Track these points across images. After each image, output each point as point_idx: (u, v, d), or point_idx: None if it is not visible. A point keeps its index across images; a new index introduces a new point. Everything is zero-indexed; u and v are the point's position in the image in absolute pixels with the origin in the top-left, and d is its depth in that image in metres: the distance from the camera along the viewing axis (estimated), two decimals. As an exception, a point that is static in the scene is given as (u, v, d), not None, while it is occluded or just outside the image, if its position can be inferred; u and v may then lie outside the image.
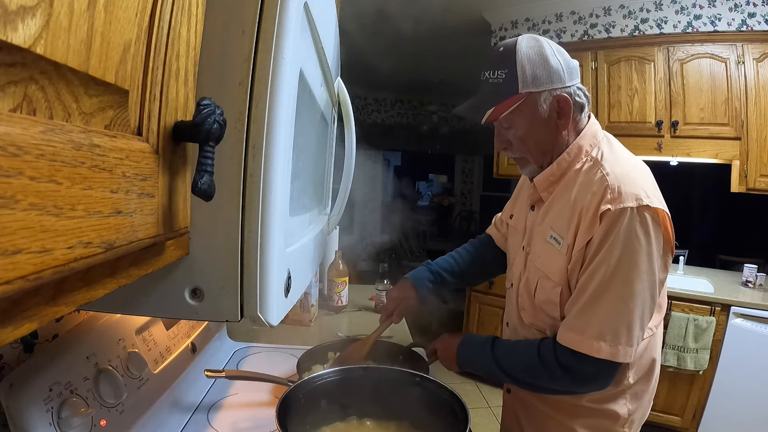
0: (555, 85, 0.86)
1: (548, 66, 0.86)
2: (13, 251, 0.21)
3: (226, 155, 0.46)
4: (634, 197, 0.80)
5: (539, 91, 0.86)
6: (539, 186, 0.95)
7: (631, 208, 0.79)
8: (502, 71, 0.87)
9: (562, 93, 0.87)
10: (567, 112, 0.88)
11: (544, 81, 0.86)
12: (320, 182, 0.94)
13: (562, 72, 0.87)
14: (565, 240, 0.87)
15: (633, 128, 2.88)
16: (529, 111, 0.88)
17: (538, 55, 0.86)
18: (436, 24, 3.53)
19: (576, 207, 0.86)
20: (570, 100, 0.88)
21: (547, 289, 0.90)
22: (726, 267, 3.25)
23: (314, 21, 0.59)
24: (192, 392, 1.07)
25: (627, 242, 0.79)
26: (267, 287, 0.50)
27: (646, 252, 0.80)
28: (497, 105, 0.87)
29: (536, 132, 0.90)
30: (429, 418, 0.86)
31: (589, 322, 0.81)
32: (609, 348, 0.80)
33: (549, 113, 0.88)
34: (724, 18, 2.65)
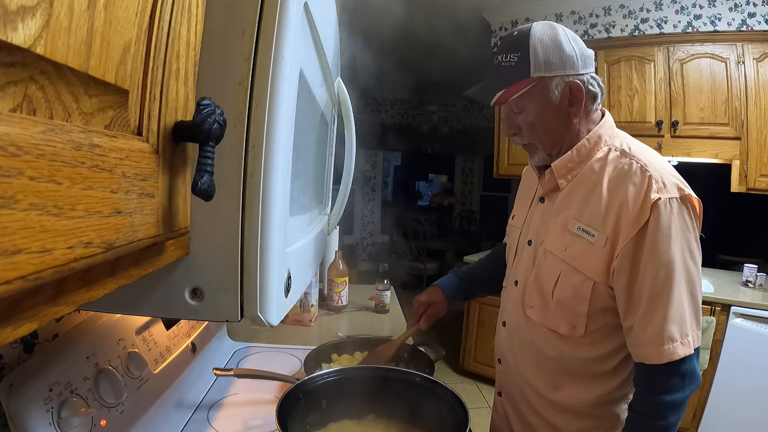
0: (568, 71, 0.85)
1: (562, 52, 0.84)
2: (13, 251, 0.21)
3: (226, 155, 0.46)
4: (676, 187, 0.80)
5: (551, 76, 0.85)
6: (558, 171, 0.91)
7: (678, 198, 0.79)
8: (514, 54, 0.86)
9: (575, 80, 0.86)
10: (579, 100, 0.87)
11: (557, 66, 0.84)
12: (320, 182, 0.94)
13: (576, 59, 0.85)
14: (601, 233, 0.83)
15: (633, 128, 2.87)
16: (541, 96, 0.86)
17: (551, 40, 0.85)
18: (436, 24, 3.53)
19: (613, 199, 0.82)
20: (583, 88, 0.86)
21: (574, 283, 0.86)
22: (726, 267, 3.25)
23: (314, 21, 0.59)
24: (192, 392, 1.07)
25: (684, 232, 0.79)
26: (267, 287, 0.50)
27: (695, 237, 0.81)
28: (507, 87, 0.86)
29: (547, 118, 0.88)
30: (429, 418, 0.86)
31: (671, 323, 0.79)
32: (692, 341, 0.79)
33: (561, 100, 0.86)
34: (724, 18, 2.65)
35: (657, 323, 0.79)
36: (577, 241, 0.86)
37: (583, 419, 0.93)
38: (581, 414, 0.92)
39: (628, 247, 0.80)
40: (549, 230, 0.92)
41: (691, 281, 0.80)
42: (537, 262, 0.94)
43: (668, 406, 0.80)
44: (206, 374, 1.12)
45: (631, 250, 0.80)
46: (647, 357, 0.80)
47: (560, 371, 0.93)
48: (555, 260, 0.89)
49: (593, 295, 0.85)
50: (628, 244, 0.80)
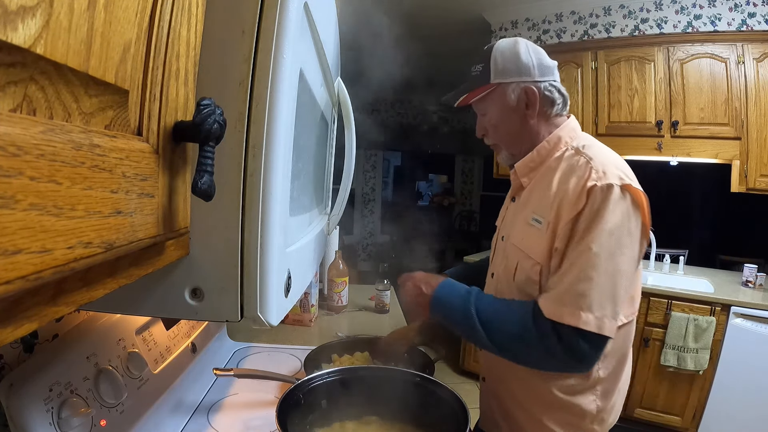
0: (523, 78, 0.95)
1: (518, 61, 0.95)
2: (13, 251, 0.21)
3: (226, 155, 0.46)
4: (618, 177, 0.84)
5: (507, 82, 0.95)
6: (519, 171, 1.01)
7: (616, 185, 0.83)
8: (480, 65, 0.99)
9: (530, 86, 0.95)
10: (534, 103, 0.95)
11: (513, 73, 0.95)
12: (320, 182, 0.94)
13: (533, 68, 0.95)
14: (546, 219, 0.89)
15: (633, 128, 2.88)
16: (500, 100, 0.97)
17: (510, 52, 0.96)
18: (436, 24, 3.53)
19: (559, 189, 0.89)
20: (537, 93, 0.95)
21: (526, 268, 0.92)
22: (726, 267, 3.25)
23: (314, 21, 0.59)
24: (192, 392, 1.07)
25: (614, 218, 0.82)
26: (267, 287, 0.50)
27: (627, 229, 0.84)
28: (471, 92, 0.98)
29: (506, 120, 0.98)
30: (429, 418, 0.86)
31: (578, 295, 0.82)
32: (595, 321, 0.81)
33: (517, 103, 0.96)
34: (724, 18, 2.65)
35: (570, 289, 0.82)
36: (531, 230, 0.93)
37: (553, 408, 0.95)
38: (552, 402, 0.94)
39: (565, 229, 0.85)
40: (515, 226, 1.00)
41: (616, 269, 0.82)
42: (506, 254, 1.01)
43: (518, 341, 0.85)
44: (206, 374, 1.12)
45: (568, 231, 0.85)
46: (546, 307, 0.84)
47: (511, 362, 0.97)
48: (515, 250, 0.97)
49: (541, 278, 0.90)
50: (566, 226, 0.85)
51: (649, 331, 2.57)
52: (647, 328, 2.58)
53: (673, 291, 2.52)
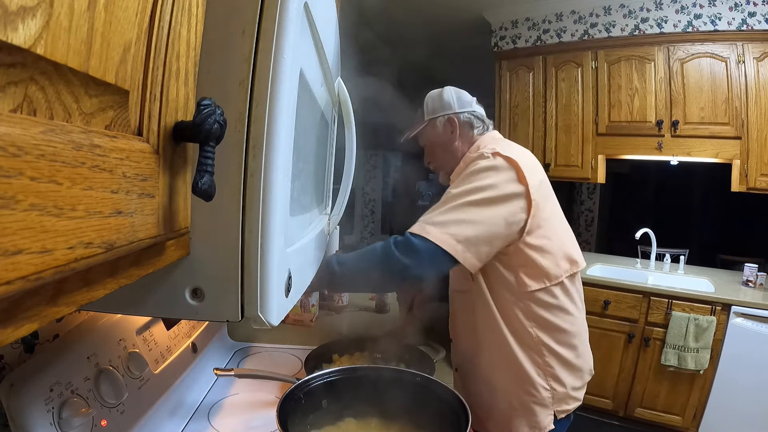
0: (446, 111, 1.22)
1: (441, 100, 1.23)
2: (13, 251, 0.21)
3: (226, 155, 0.46)
4: (492, 150, 1.08)
5: (435, 116, 1.23)
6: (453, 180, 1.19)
7: (486, 153, 1.07)
8: (420, 109, 1.28)
9: (451, 116, 1.22)
10: (455, 128, 1.21)
11: (439, 109, 1.23)
12: (321, 182, 0.94)
13: (453, 102, 1.22)
14: None
15: (633, 128, 2.88)
16: (433, 131, 1.24)
17: (436, 95, 1.25)
18: (436, 24, 3.53)
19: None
20: (456, 121, 1.21)
21: None
22: (726, 266, 3.25)
23: (314, 21, 0.59)
24: (193, 392, 1.07)
25: (478, 173, 1.04)
26: (267, 287, 0.50)
27: (490, 179, 1.03)
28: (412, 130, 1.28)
29: (438, 144, 1.24)
30: (430, 417, 0.86)
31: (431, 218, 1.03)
32: (438, 234, 0.99)
33: (443, 130, 1.23)
34: (725, 17, 2.64)
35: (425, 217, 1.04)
36: None
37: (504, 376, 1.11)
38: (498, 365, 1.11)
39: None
40: None
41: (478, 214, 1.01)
42: None
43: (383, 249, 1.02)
44: (207, 374, 1.12)
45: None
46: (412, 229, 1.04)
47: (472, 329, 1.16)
48: None
49: None
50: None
51: (650, 330, 2.57)
52: (648, 327, 2.58)
53: (673, 291, 2.52)
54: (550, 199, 1.11)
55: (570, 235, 1.18)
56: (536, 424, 1.09)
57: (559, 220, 1.15)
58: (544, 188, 1.09)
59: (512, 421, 1.11)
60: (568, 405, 1.11)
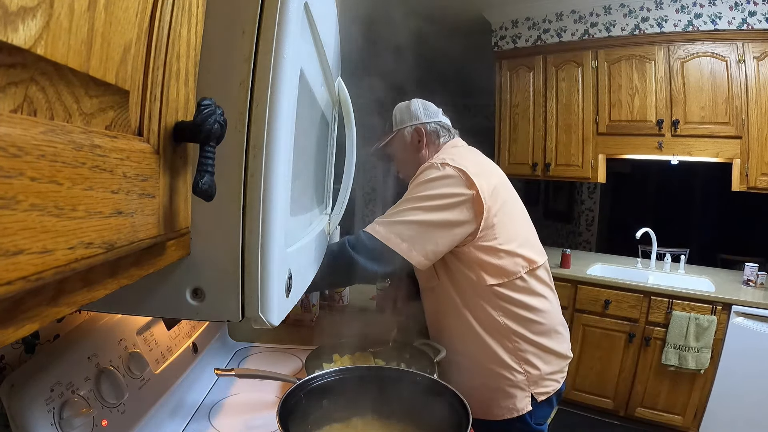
0: (414, 121, 1.29)
1: (409, 111, 1.30)
2: (14, 252, 0.21)
3: (226, 155, 0.46)
4: (441, 160, 1.13)
5: (404, 126, 1.30)
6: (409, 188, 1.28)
7: (436, 164, 1.12)
8: (388, 123, 1.34)
9: (418, 126, 1.28)
10: (422, 137, 1.28)
11: (406, 120, 1.30)
12: (321, 182, 0.94)
13: (420, 114, 1.29)
14: None
15: (634, 127, 2.88)
16: (401, 141, 1.31)
17: (405, 106, 1.32)
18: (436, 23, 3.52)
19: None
20: (423, 130, 1.28)
21: None
22: (727, 266, 3.25)
23: (314, 21, 0.59)
24: (193, 392, 1.07)
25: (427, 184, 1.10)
26: (268, 287, 0.50)
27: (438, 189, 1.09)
28: (381, 141, 1.34)
29: (406, 154, 1.30)
30: (430, 417, 0.86)
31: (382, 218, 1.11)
32: (385, 233, 1.07)
33: (411, 140, 1.29)
34: (725, 17, 2.64)
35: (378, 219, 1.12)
36: None
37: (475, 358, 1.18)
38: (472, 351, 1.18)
39: None
40: None
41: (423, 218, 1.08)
42: None
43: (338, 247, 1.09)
44: (207, 374, 1.12)
45: None
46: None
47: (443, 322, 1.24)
48: None
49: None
50: None
51: (650, 330, 2.57)
52: (648, 327, 2.58)
53: (674, 290, 2.52)
54: (508, 202, 1.19)
55: (529, 234, 1.26)
56: (513, 406, 1.16)
57: (517, 220, 1.22)
58: (500, 192, 1.16)
59: (491, 404, 1.17)
60: (545, 387, 1.17)
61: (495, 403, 1.17)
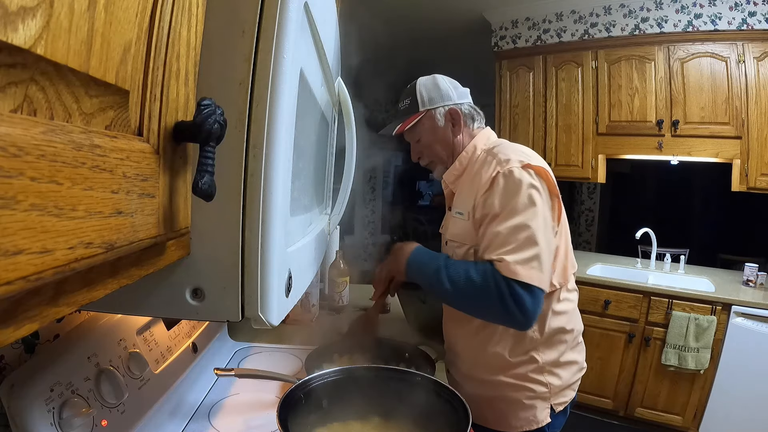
0: (446, 102, 1.15)
1: (439, 89, 1.15)
2: (14, 252, 0.21)
3: (226, 155, 0.46)
4: (518, 160, 1.01)
5: (434, 107, 1.14)
6: (447, 180, 1.18)
7: (517, 167, 1.00)
8: (408, 99, 1.18)
9: (452, 107, 1.14)
10: (458, 121, 1.15)
11: (437, 100, 1.15)
12: (321, 182, 0.94)
13: (452, 93, 1.15)
14: (466, 210, 1.08)
15: (633, 127, 2.88)
16: (430, 123, 1.15)
17: (431, 83, 1.16)
18: (437, 24, 3.53)
19: (474, 184, 1.07)
20: (459, 112, 1.14)
21: (460, 254, 1.10)
22: (727, 266, 3.25)
23: (314, 21, 0.59)
24: (193, 392, 1.07)
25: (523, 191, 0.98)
26: (268, 287, 0.50)
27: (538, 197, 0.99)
28: (404, 122, 1.15)
29: (438, 138, 1.16)
30: (430, 417, 0.86)
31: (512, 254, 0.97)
32: (538, 275, 0.96)
33: (444, 123, 1.15)
34: (725, 17, 2.64)
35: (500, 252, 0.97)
36: (458, 222, 1.12)
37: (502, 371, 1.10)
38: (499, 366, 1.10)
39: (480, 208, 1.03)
40: (449, 226, 1.18)
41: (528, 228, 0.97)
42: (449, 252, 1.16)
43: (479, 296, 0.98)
44: (207, 374, 1.12)
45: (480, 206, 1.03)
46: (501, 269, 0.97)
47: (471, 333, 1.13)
48: (451, 244, 1.15)
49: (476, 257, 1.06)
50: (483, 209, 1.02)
51: (650, 330, 2.57)
52: (648, 327, 2.58)
53: (673, 290, 2.52)
54: None
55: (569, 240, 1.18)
56: (534, 417, 1.10)
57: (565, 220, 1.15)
58: None
59: (508, 415, 1.11)
60: (564, 397, 1.13)
61: (513, 415, 1.11)
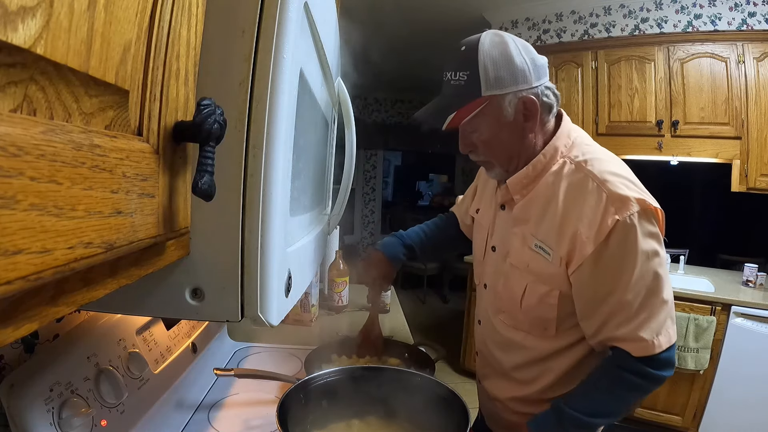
0: (520, 86, 0.82)
1: (512, 66, 0.81)
2: (13, 251, 0.21)
3: (226, 155, 0.46)
4: (636, 200, 0.78)
5: (503, 93, 0.82)
6: (512, 188, 0.91)
7: (638, 213, 0.78)
8: (464, 72, 0.82)
9: (528, 94, 0.83)
10: (534, 114, 0.84)
11: (509, 82, 0.81)
12: (320, 182, 0.94)
13: (528, 72, 0.82)
14: (555, 252, 0.84)
15: (633, 128, 2.88)
16: (494, 114, 0.83)
17: (501, 55, 0.81)
18: (436, 23, 3.52)
19: (569, 217, 0.82)
20: (537, 102, 0.83)
21: (541, 293, 0.88)
22: (726, 266, 3.25)
23: (314, 21, 0.59)
24: (193, 392, 1.07)
25: (648, 245, 0.79)
26: (267, 287, 0.50)
27: (659, 246, 0.81)
28: (459, 109, 0.83)
29: (502, 135, 0.86)
30: (429, 417, 0.86)
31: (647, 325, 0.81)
32: (666, 338, 0.83)
33: (515, 116, 0.84)
34: (725, 17, 2.64)
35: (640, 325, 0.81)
36: (537, 258, 0.87)
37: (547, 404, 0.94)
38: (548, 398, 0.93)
39: (584, 268, 0.81)
40: (511, 242, 0.93)
41: (659, 287, 0.81)
42: (505, 272, 0.95)
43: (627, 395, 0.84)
44: (207, 374, 1.12)
45: (588, 270, 0.81)
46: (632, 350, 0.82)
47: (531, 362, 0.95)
48: (521, 273, 0.91)
49: (560, 301, 0.87)
50: (584, 265, 0.81)
51: (650, 330, 2.57)
52: (648, 327, 2.58)
53: (673, 290, 2.52)
54: None
55: None
56: None
57: None
58: None
59: None
60: None
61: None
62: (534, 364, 0.95)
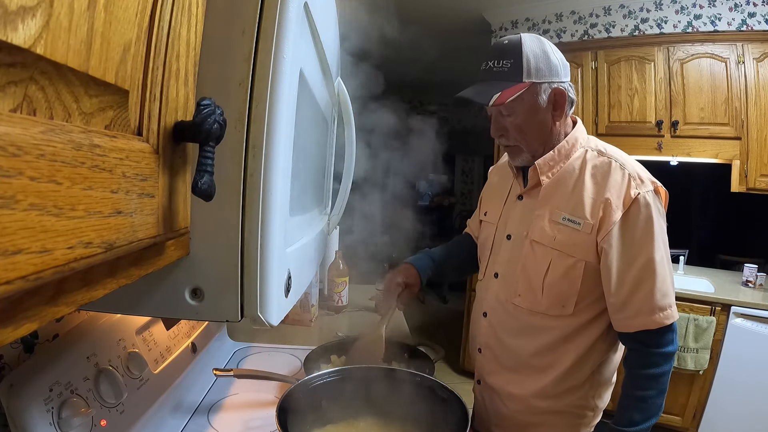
0: (554, 78, 0.95)
1: (549, 61, 0.94)
2: (13, 251, 0.21)
3: (226, 155, 0.46)
4: (650, 181, 0.94)
5: (541, 82, 0.93)
6: (541, 169, 1.00)
7: (652, 191, 0.92)
8: (507, 61, 0.93)
9: (559, 86, 0.95)
10: (562, 105, 0.96)
11: (546, 74, 0.94)
12: (320, 182, 0.94)
13: (560, 68, 0.96)
14: (586, 221, 0.94)
15: (633, 128, 2.88)
16: (530, 100, 0.94)
17: (540, 51, 0.94)
18: (436, 24, 3.52)
19: (599, 192, 0.94)
20: (566, 94, 0.96)
21: (566, 266, 0.95)
22: (726, 267, 3.25)
23: (314, 21, 0.59)
24: (192, 392, 1.07)
25: (658, 221, 0.92)
26: (267, 287, 0.50)
27: (665, 224, 0.94)
28: (504, 90, 0.92)
29: (534, 121, 0.96)
30: (429, 417, 0.86)
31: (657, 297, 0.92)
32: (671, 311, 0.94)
33: (547, 104, 0.95)
34: (724, 18, 2.64)
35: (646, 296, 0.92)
36: (565, 230, 0.96)
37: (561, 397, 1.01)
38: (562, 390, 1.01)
39: (614, 232, 0.92)
40: (534, 223, 1.01)
41: (668, 259, 0.94)
42: (523, 253, 1.01)
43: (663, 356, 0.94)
44: (206, 374, 1.12)
45: (617, 234, 0.92)
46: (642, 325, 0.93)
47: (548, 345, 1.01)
48: (545, 250, 0.98)
49: (585, 273, 0.95)
50: (614, 229, 0.92)
51: (650, 331, 2.57)
52: (647, 327, 2.58)
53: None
54: None
55: None
56: None
57: None
58: None
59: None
60: (596, 419, 1.09)
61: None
62: (551, 347, 1.00)
